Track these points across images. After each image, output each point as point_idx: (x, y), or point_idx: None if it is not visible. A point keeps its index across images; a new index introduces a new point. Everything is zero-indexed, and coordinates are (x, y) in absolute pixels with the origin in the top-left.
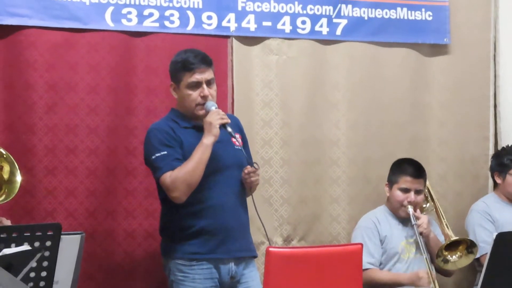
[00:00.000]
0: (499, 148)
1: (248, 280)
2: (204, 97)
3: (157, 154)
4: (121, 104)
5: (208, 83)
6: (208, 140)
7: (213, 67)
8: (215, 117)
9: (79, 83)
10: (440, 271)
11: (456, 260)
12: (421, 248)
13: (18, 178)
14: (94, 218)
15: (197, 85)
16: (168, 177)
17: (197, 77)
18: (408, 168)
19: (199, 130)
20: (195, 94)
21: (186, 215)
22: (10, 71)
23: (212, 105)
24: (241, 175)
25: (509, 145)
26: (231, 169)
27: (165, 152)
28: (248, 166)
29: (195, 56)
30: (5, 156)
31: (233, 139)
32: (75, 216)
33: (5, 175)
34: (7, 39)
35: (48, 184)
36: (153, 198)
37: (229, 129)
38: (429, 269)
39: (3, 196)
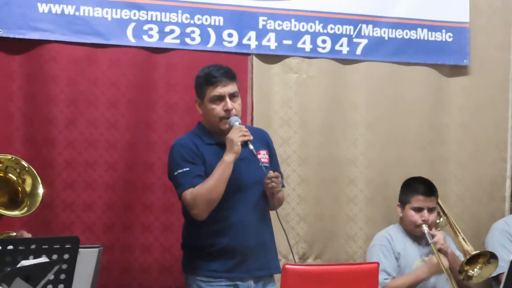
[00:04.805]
0: None
1: None
2: (227, 111)
3: (179, 171)
4: (141, 120)
5: (232, 96)
6: (229, 158)
7: (237, 81)
8: (236, 134)
9: (100, 98)
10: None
11: (479, 272)
12: (442, 267)
13: (40, 191)
14: (112, 232)
15: (220, 98)
16: (189, 194)
17: (219, 90)
18: (419, 187)
19: (222, 147)
20: (218, 108)
21: (208, 233)
22: (32, 85)
23: (235, 120)
24: (263, 192)
25: None
26: (253, 186)
27: (187, 169)
28: (271, 171)
29: (218, 70)
30: (27, 169)
31: (258, 156)
32: (92, 229)
33: (28, 188)
34: (29, 53)
35: (66, 198)
36: (170, 213)
37: (251, 147)
38: (452, 285)
39: (25, 209)
